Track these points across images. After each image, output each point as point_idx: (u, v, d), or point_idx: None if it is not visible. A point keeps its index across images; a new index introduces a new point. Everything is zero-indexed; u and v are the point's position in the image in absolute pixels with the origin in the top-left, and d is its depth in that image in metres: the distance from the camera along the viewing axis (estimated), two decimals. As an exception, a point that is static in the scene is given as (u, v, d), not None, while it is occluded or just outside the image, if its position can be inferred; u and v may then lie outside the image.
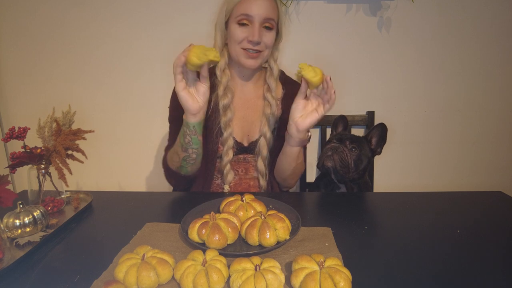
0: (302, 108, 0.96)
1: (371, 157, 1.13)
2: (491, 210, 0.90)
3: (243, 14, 1.00)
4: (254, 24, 1.01)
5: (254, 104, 1.16)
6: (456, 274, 0.62)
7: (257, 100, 1.16)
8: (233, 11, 1.03)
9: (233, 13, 1.03)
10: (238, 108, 1.14)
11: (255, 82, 1.16)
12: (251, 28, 1.01)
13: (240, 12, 1.01)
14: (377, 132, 1.12)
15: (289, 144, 1.02)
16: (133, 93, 1.59)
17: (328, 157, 1.08)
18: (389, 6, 1.46)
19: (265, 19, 1.01)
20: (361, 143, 1.10)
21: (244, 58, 1.05)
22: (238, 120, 1.14)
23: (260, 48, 1.04)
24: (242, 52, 1.04)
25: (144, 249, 0.65)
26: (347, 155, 1.06)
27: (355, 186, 1.14)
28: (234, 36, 1.03)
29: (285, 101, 1.14)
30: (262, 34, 1.02)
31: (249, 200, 0.83)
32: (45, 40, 1.54)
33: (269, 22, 1.02)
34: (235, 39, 1.03)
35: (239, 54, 1.05)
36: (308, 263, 0.59)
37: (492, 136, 1.60)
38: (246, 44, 1.03)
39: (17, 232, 0.75)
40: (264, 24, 1.02)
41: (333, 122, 1.23)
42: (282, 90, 1.17)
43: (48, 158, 0.90)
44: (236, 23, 1.02)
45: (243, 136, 1.15)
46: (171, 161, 1.07)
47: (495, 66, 1.53)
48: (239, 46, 1.04)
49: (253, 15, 1.00)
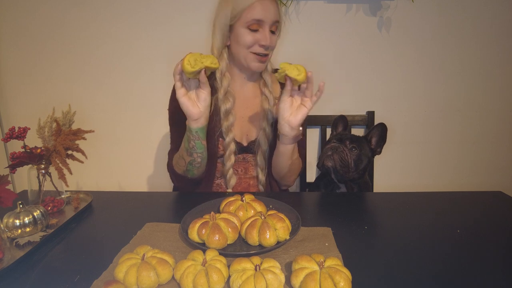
0: (290, 106, 0.97)
1: (371, 157, 1.13)
2: (491, 210, 0.90)
3: (255, 19, 1.00)
4: (264, 28, 1.01)
5: (253, 103, 1.16)
6: (456, 274, 0.62)
7: (255, 98, 1.17)
8: (242, 15, 1.01)
9: (242, 18, 1.01)
10: (238, 109, 1.14)
11: (254, 81, 1.17)
12: (261, 33, 1.01)
13: (252, 18, 0.99)
14: (377, 132, 1.12)
15: (284, 143, 1.02)
16: (133, 93, 1.59)
17: (328, 157, 1.08)
18: (389, 6, 1.46)
19: (273, 22, 1.02)
20: (361, 143, 1.10)
21: (253, 62, 1.05)
22: (238, 120, 1.14)
23: (268, 52, 1.05)
24: (253, 57, 1.04)
25: (144, 249, 0.65)
26: (347, 155, 1.06)
27: (355, 186, 1.14)
28: (243, 41, 1.02)
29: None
30: (271, 37, 1.03)
31: (249, 200, 0.83)
32: (45, 40, 1.54)
33: (276, 24, 1.04)
34: (245, 44, 1.03)
35: (249, 59, 1.05)
36: (308, 263, 0.59)
37: (492, 136, 1.60)
38: (258, 48, 1.03)
39: (17, 232, 0.75)
40: (271, 28, 1.03)
41: (333, 122, 1.23)
42: (280, 89, 1.18)
43: (48, 158, 0.90)
44: (246, 28, 1.01)
45: (242, 135, 1.15)
46: (177, 165, 1.07)
47: (495, 66, 1.53)
48: (248, 50, 1.03)
49: (265, 20, 1.00)
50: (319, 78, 1.53)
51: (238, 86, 1.15)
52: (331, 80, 1.54)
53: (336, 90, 1.56)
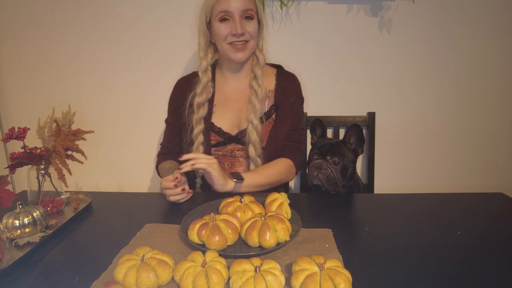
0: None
1: (355, 159, 1.12)
2: (492, 212, 0.90)
3: (222, 11, 1.06)
4: (234, 18, 1.06)
5: (243, 95, 1.19)
6: (457, 276, 0.62)
7: (245, 91, 1.19)
8: (212, 10, 1.08)
9: (213, 12, 1.08)
10: (228, 102, 1.19)
11: (245, 74, 1.20)
12: (233, 23, 1.06)
13: (219, 10, 1.06)
14: (353, 135, 1.09)
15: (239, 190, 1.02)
16: (133, 93, 1.59)
17: (315, 177, 1.08)
18: (390, 7, 1.46)
19: (243, 10, 1.06)
20: (342, 151, 1.08)
21: (232, 53, 1.10)
22: (228, 113, 1.18)
23: (245, 38, 1.08)
24: (229, 47, 1.09)
25: (143, 250, 0.65)
26: (332, 171, 1.06)
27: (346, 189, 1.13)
28: (218, 33, 1.09)
29: (278, 92, 1.19)
30: (244, 25, 1.07)
31: (248, 202, 0.83)
32: (45, 40, 1.54)
33: (248, 12, 1.07)
34: (220, 36, 1.09)
35: (227, 50, 1.10)
36: (308, 265, 0.58)
37: (493, 137, 1.60)
38: (231, 38, 1.08)
39: (16, 233, 0.75)
40: (245, 15, 1.07)
41: (310, 126, 1.18)
42: (275, 82, 1.20)
43: (47, 159, 0.90)
44: (218, 21, 1.08)
45: (233, 127, 1.17)
46: (162, 174, 1.16)
47: (496, 67, 1.52)
48: (225, 42, 1.09)
49: (232, 10, 1.05)
50: (319, 78, 1.54)
51: (228, 79, 1.20)
52: (331, 80, 1.55)
53: (336, 91, 1.55)
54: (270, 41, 1.48)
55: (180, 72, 1.52)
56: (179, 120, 1.19)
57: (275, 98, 1.18)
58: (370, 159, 1.52)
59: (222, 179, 0.97)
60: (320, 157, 1.08)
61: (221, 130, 1.16)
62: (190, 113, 1.16)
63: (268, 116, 1.17)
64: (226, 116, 1.17)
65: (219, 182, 0.96)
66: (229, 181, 0.99)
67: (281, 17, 1.48)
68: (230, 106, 1.18)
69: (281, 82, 1.20)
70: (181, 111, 1.17)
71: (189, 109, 1.16)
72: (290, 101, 1.18)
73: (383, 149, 1.56)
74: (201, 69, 1.16)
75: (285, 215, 0.80)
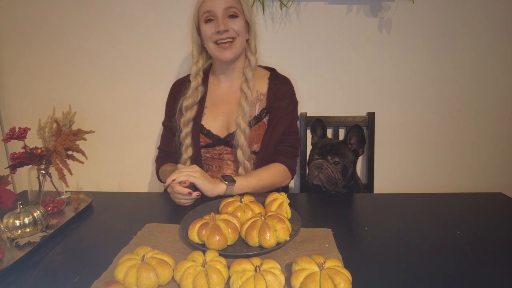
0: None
1: (355, 159, 1.12)
2: (492, 212, 0.90)
3: (205, 12, 1.08)
4: (217, 17, 1.08)
5: (234, 98, 1.19)
6: (456, 275, 0.62)
7: (235, 93, 1.20)
8: (199, 14, 1.11)
9: (199, 16, 1.11)
10: (219, 104, 1.19)
11: (237, 76, 1.20)
12: (216, 21, 1.08)
13: (203, 11, 1.09)
14: (354, 135, 1.10)
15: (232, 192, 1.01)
16: (133, 93, 1.59)
17: (315, 177, 1.08)
18: (390, 7, 1.46)
19: (226, 9, 1.07)
20: (343, 151, 1.08)
21: (219, 52, 1.10)
22: (219, 115, 1.18)
23: (230, 35, 1.09)
24: (216, 47, 1.10)
25: (144, 249, 0.65)
26: (332, 171, 1.06)
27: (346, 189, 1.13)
28: (205, 34, 1.11)
29: (270, 95, 1.18)
30: (227, 22, 1.08)
31: (248, 202, 0.83)
32: (46, 40, 1.54)
33: (231, 10, 1.08)
34: (206, 37, 1.11)
35: (214, 50, 1.11)
36: (308, 264, 0.58)
37: (493, 137, 1.60)
38: (215, 36, 1.08)
39: (17, 233, 0.75)
40: (228, 14, 1.08)
41: (311, 127, 1.19)
42: (267, 85, 1.20)
43: (48, 159, 0.90)
44: (203, 23, 1.10)
45: (223, 129, 1.17)
46: (163, 178, 1.15)
47: (496, 67, 1.52)
48: (211, 41, 1.10)
49: (214, 9, 1.07)
50: (319, 78, 1.54)
51: (221, 82, 1.21)
52: (331, 81, 1.55)
53: (336, 91, 1.55)
54: (270, 42, 1.48)
55: (180, 72, 1.53)
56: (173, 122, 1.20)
57: (267, 102, 1.17)
58: (369, 159, 1.52)
59: (208, 184, 0.94)
60: (321, 157, 1.09)
61: (210, 132, 1.16)
62: (180, 116, 1.17)
63: (258, 120, 1.16)
64: (216, 118, 1.18)
65: (206, 187, 0.94)
66: (219, 185, 0.97)
67: (281, 18, 1.48)
68: (220, 108, 1.18)
69: (274, 85, 1.19)
70: (173, 114, 1.19)
71: (179, 112, 1.17)
72: (283, 105, 1.17)
73: (383, 149, 1.56)
74: (192, 74, 1.19)
75: (285, 215, 0.80)
